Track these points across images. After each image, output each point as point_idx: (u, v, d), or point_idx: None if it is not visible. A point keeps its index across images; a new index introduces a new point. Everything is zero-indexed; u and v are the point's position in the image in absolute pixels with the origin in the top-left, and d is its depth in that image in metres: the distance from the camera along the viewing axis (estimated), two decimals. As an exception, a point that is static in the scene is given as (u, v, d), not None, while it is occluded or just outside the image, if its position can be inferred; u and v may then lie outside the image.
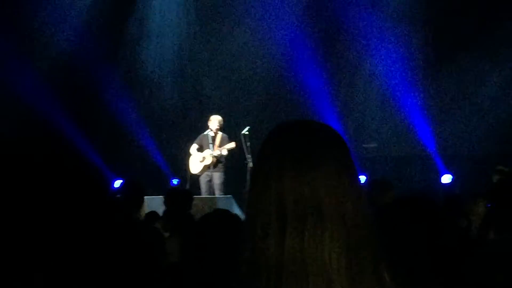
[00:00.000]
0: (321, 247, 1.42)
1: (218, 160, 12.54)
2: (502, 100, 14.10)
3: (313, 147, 1.52)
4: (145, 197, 10.76)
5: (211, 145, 12.50)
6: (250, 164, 12.11)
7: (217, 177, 12.53)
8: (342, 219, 1.45)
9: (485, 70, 14.16)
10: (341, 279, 1.41)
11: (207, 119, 12.75)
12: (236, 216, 3.17)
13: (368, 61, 15.41)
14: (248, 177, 12.06)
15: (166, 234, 5.90)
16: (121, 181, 12.94)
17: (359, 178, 1.56)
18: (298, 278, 1.40)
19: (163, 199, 8.28)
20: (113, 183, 14.36)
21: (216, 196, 12.21)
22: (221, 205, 10.81)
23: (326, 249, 1.42)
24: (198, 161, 12.69)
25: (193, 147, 12.81)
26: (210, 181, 12.58)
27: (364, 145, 15.19)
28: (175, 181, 15.44)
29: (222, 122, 12.65)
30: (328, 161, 1.50)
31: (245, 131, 12.48)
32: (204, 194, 12.43)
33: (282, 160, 1.49)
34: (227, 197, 12.10)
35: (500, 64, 14.17)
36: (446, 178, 14.06)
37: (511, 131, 13.67)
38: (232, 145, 12.38)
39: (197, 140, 12.82)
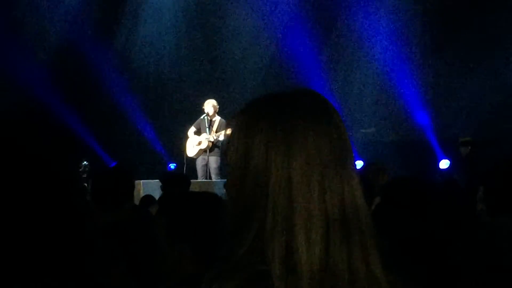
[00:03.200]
0: (367, 258, 1.34)
1: (214, 144, 12.52)
2: (499, 85, 14.09)
3: (343, 142, 1.41)
4: (142, 181, 10.82)
5: (208, 129, 12.48)
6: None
7: (213, 161, 12.50)
8: (371, 224, 1.38)
9: (482, 54, 14.13)
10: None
11: (202, 104, 12.73)
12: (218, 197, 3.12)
13: (365, 46, 15.40)
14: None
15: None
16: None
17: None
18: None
19: (160, 183, 8.26)
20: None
21: (213, 180, 12.19)
22: (217, 189, 10.78)
23: (373, 258, 1.35)
24: (194, 144, 12.67)
25: (191, 130, 12.79)
26: (206, 165, 12.55)
27: (362, 130, 15.18)
28: (172, 166, 15.43)
29: (217, 106, 12.60)
30: (352, 159, 1.41)
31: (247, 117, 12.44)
32: (200, 178, 12.41)
33: (323, 160, 1.36)
34: (223, 181, 12.06)
35: (497, 48, 14.15)
36: (444, 164, 14.06)
37: (508, 115, 13.67)
38: (228, 131, 12.33)
39: (195, 123, 12.80)
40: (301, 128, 1.38)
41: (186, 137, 12.88)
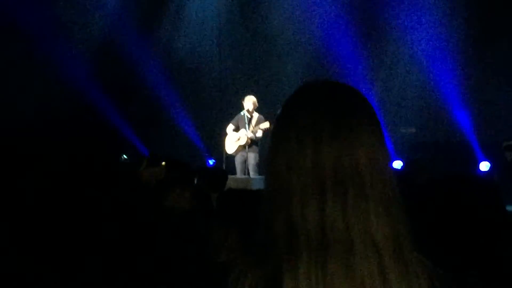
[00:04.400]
0: (366, 214, 1.36)
1: (253, 140, 12.54)
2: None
3: (350, 108, 1.45)
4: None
5: (247, 126, 12.51)
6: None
7: (252, 157, 12.53)
8: (382, 186, 1.40)
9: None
10: (388, 247, 1.37)
11: (242, 100, 12.76)
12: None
13: (407, 46, 15.29)
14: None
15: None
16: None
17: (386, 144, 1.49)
18: (342, 247, 1.35)
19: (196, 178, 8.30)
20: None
21: (251, 176, 12.21)
22: (255, 185, 10.80)
23: (372, 216, 1.37)
24: (233, 141, 12.71)
25: (230, 127, 12.83)
26: (245, 161, 12.58)
27: (402, 129, 15.06)
28: (211, 162, 15.49)
29: (256, 103, 12.62)
30: (366, 129, 1.43)
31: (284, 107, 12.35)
32: (239, 175, 12.44)
33: (320, 120, 1.42)
34: (261, 177, 12.08)
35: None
36: (484, 166, 13.89)
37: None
38: (266, 125, 12.32)
39: (234, 120, 12.84)
40: (297, 106, 1.48)
41: (225, 134, 12.93)
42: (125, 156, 13.12)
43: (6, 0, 13.34)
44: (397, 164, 12.61)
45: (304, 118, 1.43)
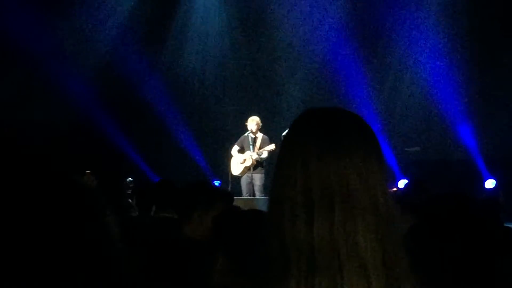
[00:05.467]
0: (354, 232, 1.38)
1: (258, 162, 12.56)
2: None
3: (340, 134, 1.48)
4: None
5: (251, 147, 12.53)
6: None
7: (258, 178, 12.55)
8: (374, 207, 1.42)
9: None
10: (376, 266, 1.38)
11: (246, 121, 12.79)
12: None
13: (411, 64, 15.32)
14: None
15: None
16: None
17: (385, 169, 1.51)
18: (330, 264, 1.37)
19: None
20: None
21: (257, 197, 12.21)
22: (261, 206, 10.79)
23: (360, 234, 1.39)
24: (239, 162, 12.73)
25: (234, 149, 12.86)
26: (251, 182, 12.60)
27: (406, 149, 15.06)
28: (216, 183, 15.49)
29: (260, 123, 12.65)
30: (355, 149, 1.46)
31: (285, 133, 12.32)
32: (245, 196, 12.45)
33: (307, 146, 1.46)
34: (267, 198, 12.06)
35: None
36: (490, 183, 13.86)
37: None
38: (272, 147, 12.36)
39: (238, 141, 12.87)
40: (292, 131, 1.56)
41: (230, 156, 12.95)
42: (130, 179, 13.12)
43: (9, 22, 13.40)
44: (402, 183, 12.61)
45: (294, 143, 1.50)
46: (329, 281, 1.36)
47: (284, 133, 12.45)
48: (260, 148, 12.49)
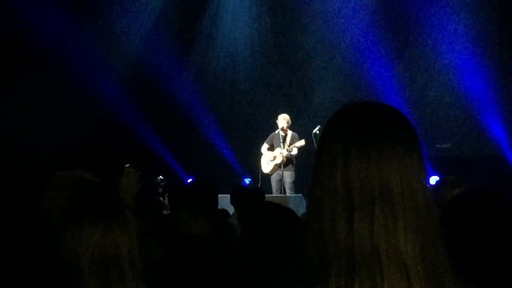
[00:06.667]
0: (394, 232, 1.38)
1: (288, 159, 12.56)
2: None
3: (380, 129, 1.46)
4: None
5: (281, 144, 12.53)
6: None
7: (288, 176, 12.54)
8: (413, 204, 1.41)
9: None
10: (417, 266, 1.37)
11: (276, 118, 12.79)
12: (288, 209, 3.21)
13: (441, 60, 15.19)
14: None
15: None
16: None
17: (425, 166, 1.49)
18: (370, 264, 1.36)
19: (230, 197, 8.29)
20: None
21: (287, 195, 12.22)
22: (292, 203, 10.81)
23: (401, 234, 1.38)
24: (269, 160, 12.74)
25: (264, 147, 12.87)
26: (281, 180, 12.60)
27: (438, 145, 14.96)
28: (247, 180, 15.52)
29: (290, 121, 12.64)
30: (396, 144, 1.44)
31: (316, 130, 12.28)
32: (275, 193, 12.46)
33: (347, 142, 1.44)
34: (297, 196, 12.08)
35: None
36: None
37: None
38: (301, 143, 12.33)
39: (268, 139, 12.88)
40: (331, 127, 1.52)
41: (260, 154, 12.97)
42: (161, 177, 13.21)
43: (39, 24, 13.52)
44: (434, 180, 12.53)
45: (334, 140, 1.47)
46: (370, 281, 1.36)
47: (314, 130, 12.49)
48: (290, 145, 12.48)
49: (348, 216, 1.39)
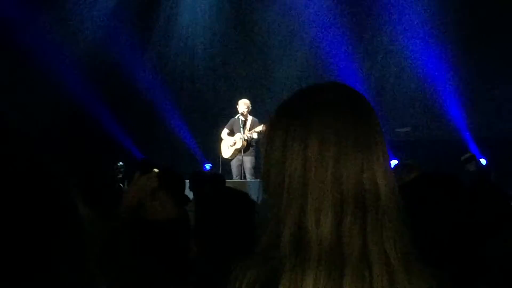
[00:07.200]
0: (381, 234, 1.36)
1: (249, 144, 12.54)
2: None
3: (372, 124, 1.42)
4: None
5: (241, 129, 12.51)
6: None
7: (248, 161, 12.53)
8: (396, 208, 1.39)
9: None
10: (401, 268, 1.37)
11: (236, 103, 12.77)
12: (244, 193, 3.18)
13: (400, 43, 15.30)
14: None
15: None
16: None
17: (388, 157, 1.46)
18: (359, 263, 1.35)
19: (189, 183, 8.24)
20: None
21: (247, 180, 12.20)
22: (252, 189, 10.79)
23: (388, 239, 1.37)
24: (229, 145, 12.71)
25: (224, 132, 12.83)
26: (241, 165, 12.59)
27: (397, 130, 15.07)
28: (207, 166, 15.50)
29: (250, 106, 12.62)
30: (380, 145, 1.41)
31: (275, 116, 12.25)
32: (235, 178, 12.44)
33: (343, 135, 1.38)
34: (258, 181, 12.04)
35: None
36: (481, 162, 13.89)
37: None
38: (261, 127, 12.33)
39: (228, 124, 12.84)
40: (320, 112, 1.42)
41: (220, 139, 12.92)
42: (121, 163, 13.11)
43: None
44: (393, 164, 12.62)
45: (326, 126, 1.40)
46: (358, 275, 1.35)
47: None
48: (250, 130, 12.46)
49: (337, 214, 1.36)
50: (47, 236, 1.16)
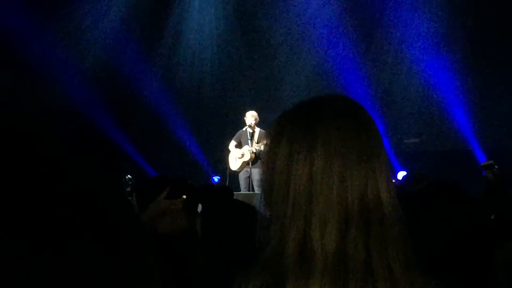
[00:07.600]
0: (385, 247, 1.37)
1: (257, 156, 12.52)
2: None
3: (376, 138, 1.43)
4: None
5: (249, 141, 12.49)
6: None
7: (256, 173, 12.50)
8: (399, 221, 1.40)
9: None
10: (402, 274, 1.37)
11: (244, 115, 12.77)
12: (250, 206, 3.19)
13: (408, 55, 15.29)
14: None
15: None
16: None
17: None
18: (363, 275, 1.35)
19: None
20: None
21: (255, 192, 12.18)
22: (259, 201, 10.76)
23: (390, 249, 1.37)
24: (237, 157, 12.69)
25: (232, 144, 12.82)
26: (249, 177, 12.56)
27: (405, 141, 15.05)
28: (216, 178, 15.49)
29: (257, 118, 12.61)
30: (382, 157, 1.43)
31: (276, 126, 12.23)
32: (243, 191, 12.42)
33: (348, 149, 1.39)
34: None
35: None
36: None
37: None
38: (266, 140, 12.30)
39: (236, 136, 12.82)
40: (324, 123, 1.43)
41: (228, 152, 12.92)
42: (129, 176, 13.11)
43: (4, 21, 13.37)
44: (401, 175, 12.60)
45: (331, 138, 1.41)
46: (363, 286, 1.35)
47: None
48: (258, 142, 12.45)
49: (342, 227, 1.37)
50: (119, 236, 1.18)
